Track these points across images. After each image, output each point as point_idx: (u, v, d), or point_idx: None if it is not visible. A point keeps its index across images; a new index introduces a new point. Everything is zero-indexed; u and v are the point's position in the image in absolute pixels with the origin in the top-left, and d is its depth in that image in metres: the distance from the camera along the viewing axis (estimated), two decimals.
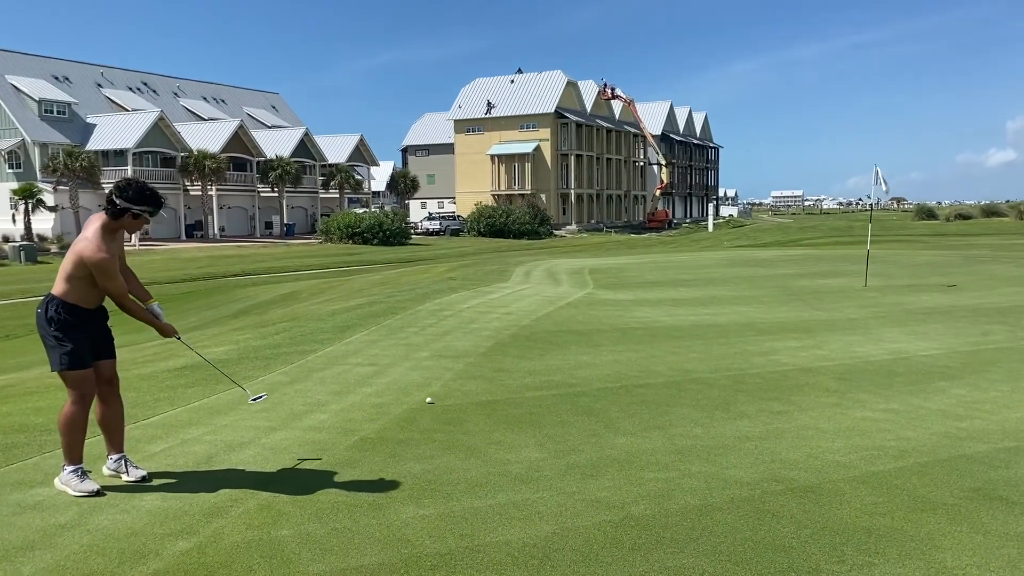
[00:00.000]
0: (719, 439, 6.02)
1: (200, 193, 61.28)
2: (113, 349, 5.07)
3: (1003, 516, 4.55)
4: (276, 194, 67.70)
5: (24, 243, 43.27)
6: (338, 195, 73.20)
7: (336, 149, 75.01)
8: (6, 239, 46.89)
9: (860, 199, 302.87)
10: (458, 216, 75.14)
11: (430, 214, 78.79)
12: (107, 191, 4.92)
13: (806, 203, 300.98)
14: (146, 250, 47.96)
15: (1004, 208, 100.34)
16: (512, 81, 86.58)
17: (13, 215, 49.73)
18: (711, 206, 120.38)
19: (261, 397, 5.83)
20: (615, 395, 7.44)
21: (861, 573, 3.83)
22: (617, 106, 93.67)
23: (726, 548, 4.09)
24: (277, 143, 68.67)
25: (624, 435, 6.12)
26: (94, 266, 4.68)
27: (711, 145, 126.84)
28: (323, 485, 4.96)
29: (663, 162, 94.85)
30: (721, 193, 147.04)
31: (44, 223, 50.65)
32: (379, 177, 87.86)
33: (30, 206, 47.55)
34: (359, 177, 75.86)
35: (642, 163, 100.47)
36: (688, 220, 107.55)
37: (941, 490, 4.94)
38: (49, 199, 49.78)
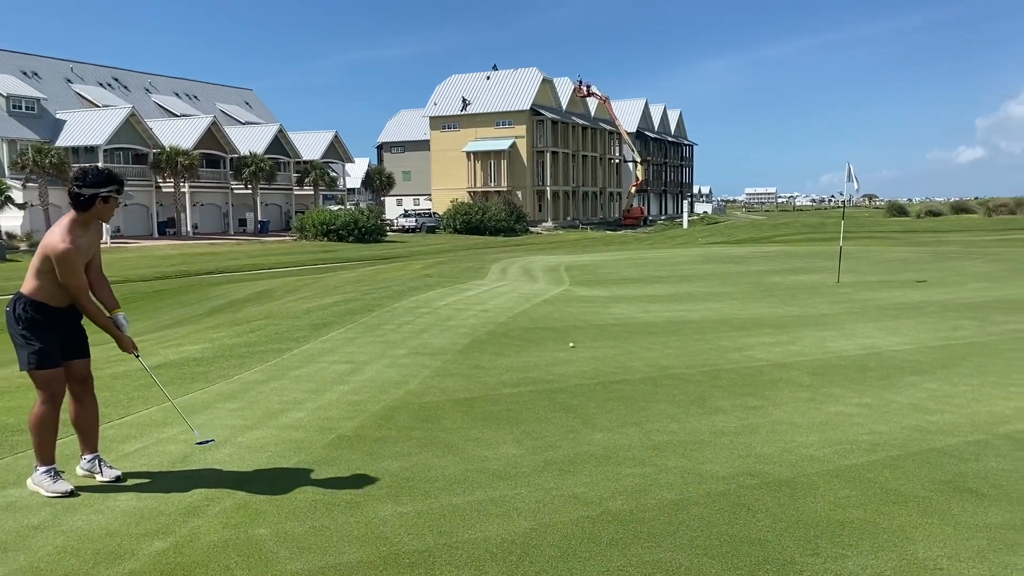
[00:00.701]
0: (695, 434, 6.07)
1: (173, 190, 60.63)
2: (87, 348, 5.00)
3: (972, 508, 4.63)
4: (250, 191, 67.16)
5: None
6: (313, 192, 72.75)
7: (311, 146, 74.53)
8: None
9: (833, 196, 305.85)
10: (434, 213, 74.99)
11: (406, 211, 78.57)
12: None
13: (780, 200, 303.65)
14: (118, 248, 47.41)
15: (973, 205, 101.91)
16: (488, 78, 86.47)
17: None
18: (686, 203, 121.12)
19: (209, 442, 5.52)
20: (592, 391, 7.47)
21: (835, 565, 3.89)
22: (592, 103, 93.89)
23: (702, 542, 4.13)
24: (251, 140, 68.11)
25: (601, 431, 6.15)
26: (55, 257, 4.58)
27: (686, 142, 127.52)
28: (300, 483, 4.94)
29: (638, 159, 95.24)
30: (696, 190, 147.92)
31: (13, 220, 49.86)
32: (354, 174, 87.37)
33: None
34: (334, 174, 75.43)
35: (617, 160, 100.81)
36: (663, 217, 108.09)
37: (912, 483, 5.02)
38: (18, 196, 49.02)
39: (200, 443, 5.43)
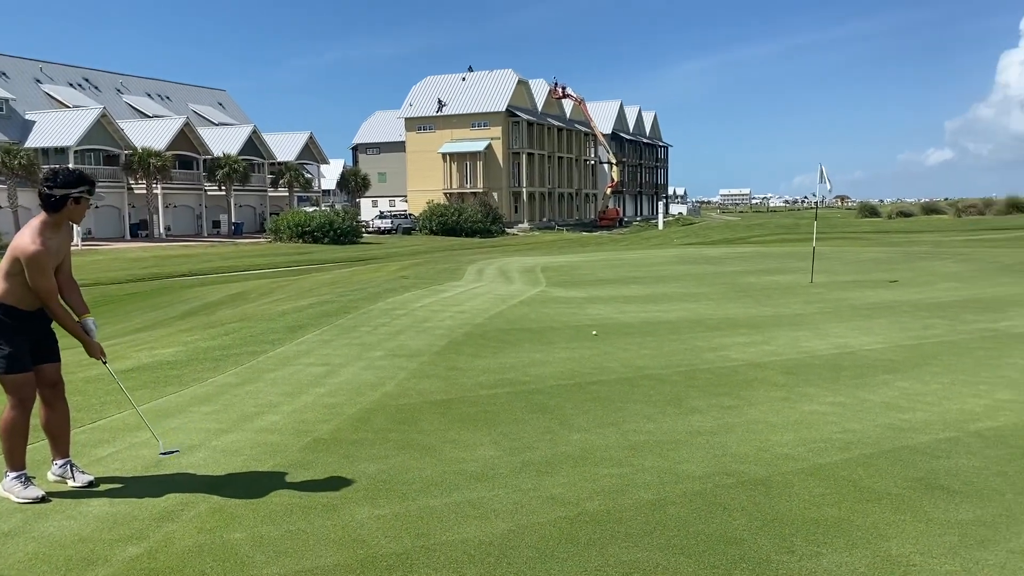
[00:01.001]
0: (671, 434, 6.10)
1: (145, 192, 59.97)
2: (57, 352, 4.93)
3: (944, 504, 4.69)
4: (224, 193, 66.59)
5: None
6: (287, 194, 72.28)
7: (285, 147, 74.05)
8: None
9: (806, 197, 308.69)
10: (410, 215, 74.78)
11: (381, 212, 78.25)
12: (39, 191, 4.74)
13: (754, 201, 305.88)
14: (90, 250, 46.81)
15: (943, 206, 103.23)
16: (463, 79, 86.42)
17: None
18: (661, 204, 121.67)
19: (173, 452, 5.43)
20: (569, 392, 7.49)
21: (810, 563, 3.92)
22: (568, 105, 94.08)
23: (679, 541, 4.16)
24: (224, 141, 67.53)
25: (578, 432, 6.17)
26: (25, 259, 4.52)
27: (660, 144, 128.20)
28: (276, 487, 4.90)
29: (613, 161, 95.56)
30: (671, 191, 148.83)
31: None
32: (329, 175, 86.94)
33: None
34: (309, 175, 75.02)
35: (593, 162, 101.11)
36: (639, 218, 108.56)
37: (886, 480, 5.08)
38: None
39: (164, 453, 5.34)
